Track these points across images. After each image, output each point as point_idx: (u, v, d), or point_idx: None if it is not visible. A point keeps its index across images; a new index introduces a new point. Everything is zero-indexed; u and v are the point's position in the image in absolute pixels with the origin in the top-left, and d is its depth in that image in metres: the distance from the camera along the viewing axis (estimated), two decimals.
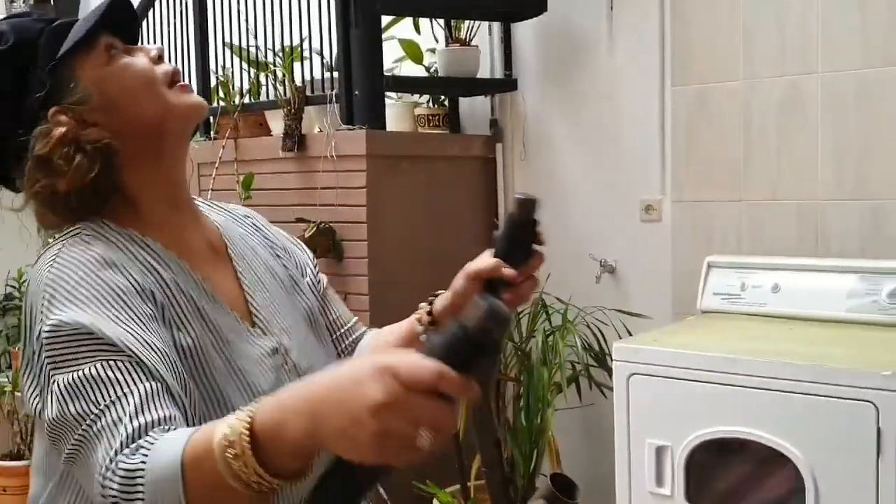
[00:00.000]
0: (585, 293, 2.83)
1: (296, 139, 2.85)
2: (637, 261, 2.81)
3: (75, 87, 1.03)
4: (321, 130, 2.85)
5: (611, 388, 2.06)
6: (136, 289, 0.97)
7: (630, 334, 2.62)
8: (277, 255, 1.20)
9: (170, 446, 0.81)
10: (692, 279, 2.48)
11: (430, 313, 1.16)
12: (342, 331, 1.26)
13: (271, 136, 3.10)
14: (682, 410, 1.92)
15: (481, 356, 0.74)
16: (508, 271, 1.05)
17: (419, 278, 2.84)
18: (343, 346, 1.25)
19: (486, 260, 1.08)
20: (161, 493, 0.79)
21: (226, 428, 0.78)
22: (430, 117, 3.13)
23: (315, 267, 1.27)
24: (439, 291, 1.17)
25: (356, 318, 1.30)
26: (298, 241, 1.30)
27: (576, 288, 2.84)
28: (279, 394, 0.80)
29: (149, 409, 0.86)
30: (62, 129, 1.00)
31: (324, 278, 1.29)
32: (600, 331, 2.69)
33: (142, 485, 0.80)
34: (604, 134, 2.87)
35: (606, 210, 2.87)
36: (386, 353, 0.76)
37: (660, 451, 1.94)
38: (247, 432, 0.76)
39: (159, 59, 1.07)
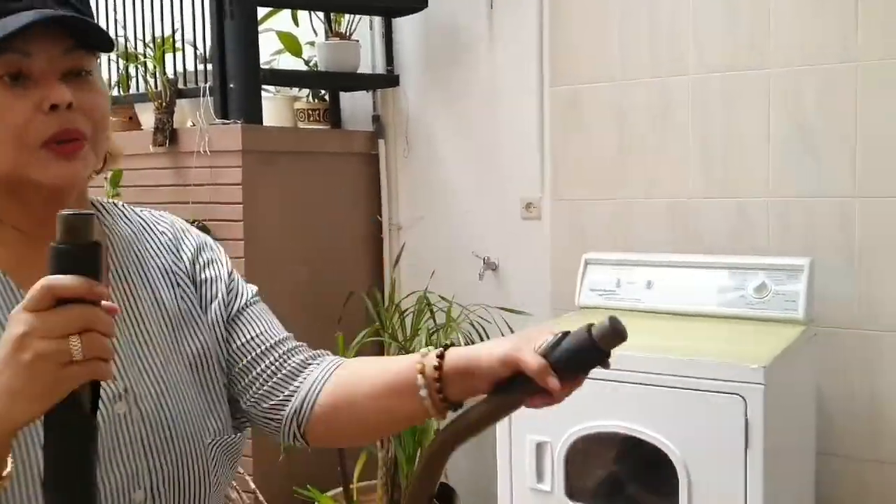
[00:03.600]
0: (468, 291, 2.84)
1: (167, 133, 2.73)
2: (518, 258, 2.83)
3: None
4: (194, 125, 2.75)
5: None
6: None
7: (511, 331, 2.64)
8: (177, 283, 1.06)
9: None
10: (570, 276, 2.52)
11: (437, 368, 0.95)
12: (261, 349, 1.07)
13: (141, 130, 2.97)
14: (561, 406, 1.94)
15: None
16: (554, 383, 0.88)
17: (299, 278, 2.78)
18: (266, 364, 1.06)
19: (534, 358, 0.88)
20: None
21: None
22: (311, 112, 3.07)
23: (228, 288, 1.09)
24: (448, 343, 1.02)
25: (289, 334, 1.11)
26: (220, 264, 1.10)
27: (459, 286, 2.84)
28: None
29: None
30: None
31: (247, 292, 1.11)
32: (483, 328, 2.70)
33: None
34: (485, 132, 2.88)
35: (488, 208, 2.88)
36: None
37: (540, 448, 1.96)
38: None
39: (65, 107, 0.90)
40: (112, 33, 3.01)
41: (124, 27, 2.95)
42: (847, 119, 2.25)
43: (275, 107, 3.05)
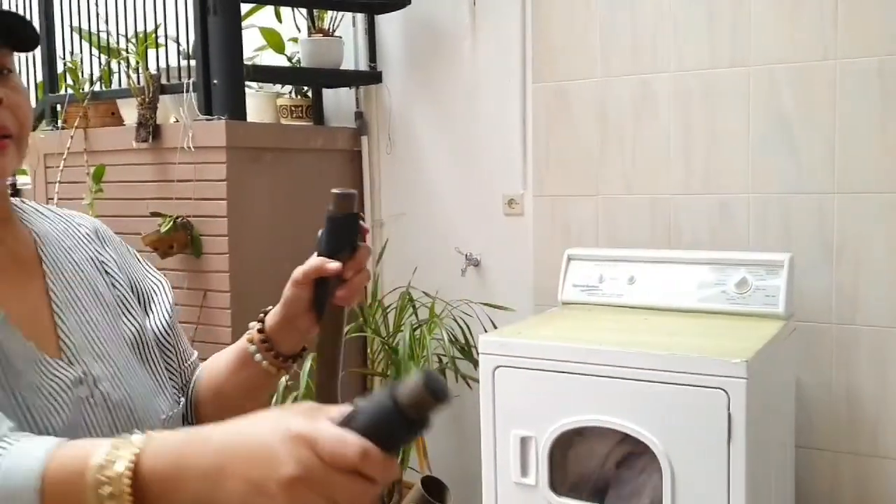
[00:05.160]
0: (451, 286, 2.85)
1: (150, 129, 2.73)
2: (501, 254, 2.85)
3: None
4: (177, 120, 2.74)
5: (476, 380, 2.08)
6: None
7: (495, 326, 2.66)
8: (106, 272, 1.09)
9: (28, 454, 0.73)
10: (553, 272, 2.54)
11: (261, 331, 1.08)
12: (185, 364, 1.16)
13: (124, 125, 2.96)
14: (545, 401, 1.96)
15: (411, 433, 0.67)
16: (333, 265, 0.99)
17: (282, 274, 2.76)
18: (183, 381, 1.15)
19: (309, 261, 1.02)
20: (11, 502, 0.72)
21: (103, 459, 0.71)
22: (293, 108, 3.07)
23: (169, 294, 1.16)
24: (268, 308, 1.10)
25: (196, 352, 1.21)
26: (157, 275, 1.18)
27: (442, 282, 2.86)
28: (174, 438, 0.73)
29: None
30: None
31: (177, 310, 1.19)
32: (466, 324, 2.72)
33: None
34: (468, 129, 2.89)
35: (471, 204, 2.90)
36: (299, 414, 0.68)
37: (524, 442, 1.98)
38: (129, 476, 0.69)
39: None
40: (94, 28, 3.00)
41: (107, 22, 2.93)
42: (826, 116, 2.28)
43: (257, 103, 3.04)
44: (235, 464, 0.67)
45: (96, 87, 3.01)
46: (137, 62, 2.80)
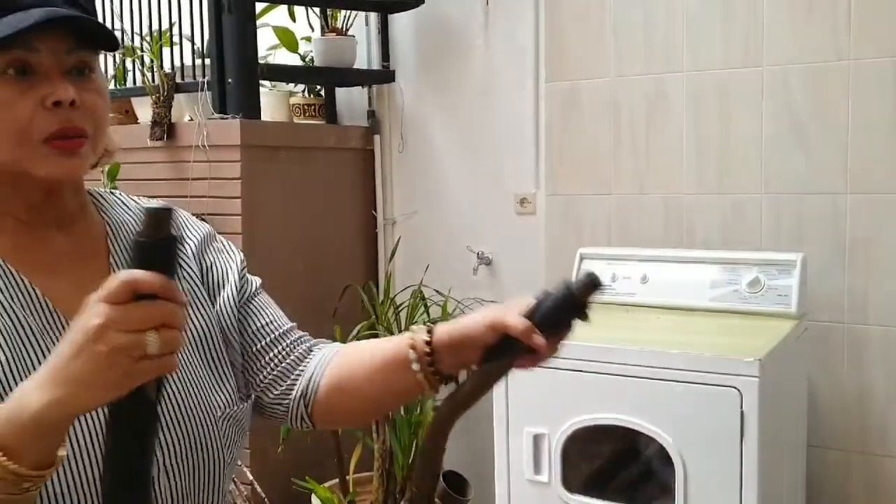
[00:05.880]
0: (463, 285, 2.86)
1: (165, 128, 2.74)
2: (513, 253, 2.86)
3: None
4: (192, 119, 2.76)
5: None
6: None
7: None
8: (179, 265, 1.05)
9: None
10: (565, 271, 2.55)
11: (428, 342, 1.01)
12: (272, 336, 1.12)
13: (138, 124, 2.97)
14: (558, 399, 1.97)
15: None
16: (539, 342, 0.93)
17: (296, 271, 2.80)
18: (277, 350, 1.12)
19: (519, 319, 0.94)
20: None
21: None
22: (306, 107, 3.08)
23: (240, 275, 1.13)
24: (437, 320, 1.07)
25: (293, 324, 1.17)
26: (230, 252, 1.15)
27: (454, 280, 2.87)
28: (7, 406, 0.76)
29: None
30: None
31: (254, 282, 1.16)
32: None
33: None
34: (480, 127, 2.90)
35: (483, 203, 2.91)
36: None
37: (537, 439, 1.99)
38: None
39: (68, 104, 0.92)
40: (109, 26, 3.02)
41: (122, 20, 2.95)
42: (839, 116, 2.29)
43: (270, 102, 3.06)
44: (60, 356, 0.74)
45: (111, 86, 3.03)
46: (152, 60, 2.82)
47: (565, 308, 0.94)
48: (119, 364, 0.72)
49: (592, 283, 0.92)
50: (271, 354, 1.12)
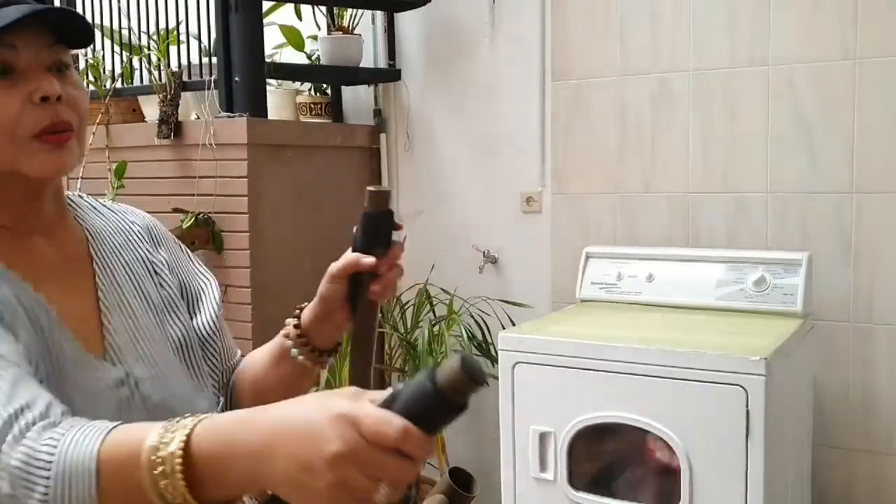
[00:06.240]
0: (469, 283, 2.87)
1: (172, 126, 2.75)
2: (519, 252, 2.86)
3: None
4: (199, 117, 2.77)
5: (495, 377, 2.10)
6: None
7: (513, 323, 2.67)
8: (156, 272, 1.11)
9: (84, 438, 0.75)
10: (571, 269, 2.55)
11: (297, 326, 1.11)
12: (228, 363, 1.18)
13: (145, 122, 2.98)
14: (564, 397, 1.98)
15: (450, 415, 0.68)
16: (368, 260, 1.03)
17: (302, 270, 2.80)
18: (225, 379, 1.18)
19: (344, 257, 1.06)
20: (69, 486, 0.74)
21: (156, 440, 0.73)
22: (312, 105, 3.09)
23: (216, 293, 1.18)
24: (304, 304, 1.12)
25: (239, 350, 1.24)
26: (207, 278, 1.19)
27: (460, 278, 2.87)
28: (224, 419, 0.75)
29: (22, 393, 0.80)
30: None
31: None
32: (484, 320, 2.73)
33: (46, 470, 0.74)
34: (486, 126, 2.90)
35: (489, 201, 2.91)
36: (343, 396, 0.70)
37: (543, 437, 2.00)
38: (180, 456, 0.72)
39: (55, 99, 0.94)
40: (115, 25, 3.03)
41: (128, 18, 2.96)
42: (845, 116, 2.29)
43: (277, 100, 3.06)
44: (283, 442, 0.69)
45: (118, 84, 3.04)
46: (159, 59, 2.83)
47: (372, 226, 1.03)
48: (336, 498, 0.67)
49: (375, 194, 1.01)
50: (224, 380, 1.18)
